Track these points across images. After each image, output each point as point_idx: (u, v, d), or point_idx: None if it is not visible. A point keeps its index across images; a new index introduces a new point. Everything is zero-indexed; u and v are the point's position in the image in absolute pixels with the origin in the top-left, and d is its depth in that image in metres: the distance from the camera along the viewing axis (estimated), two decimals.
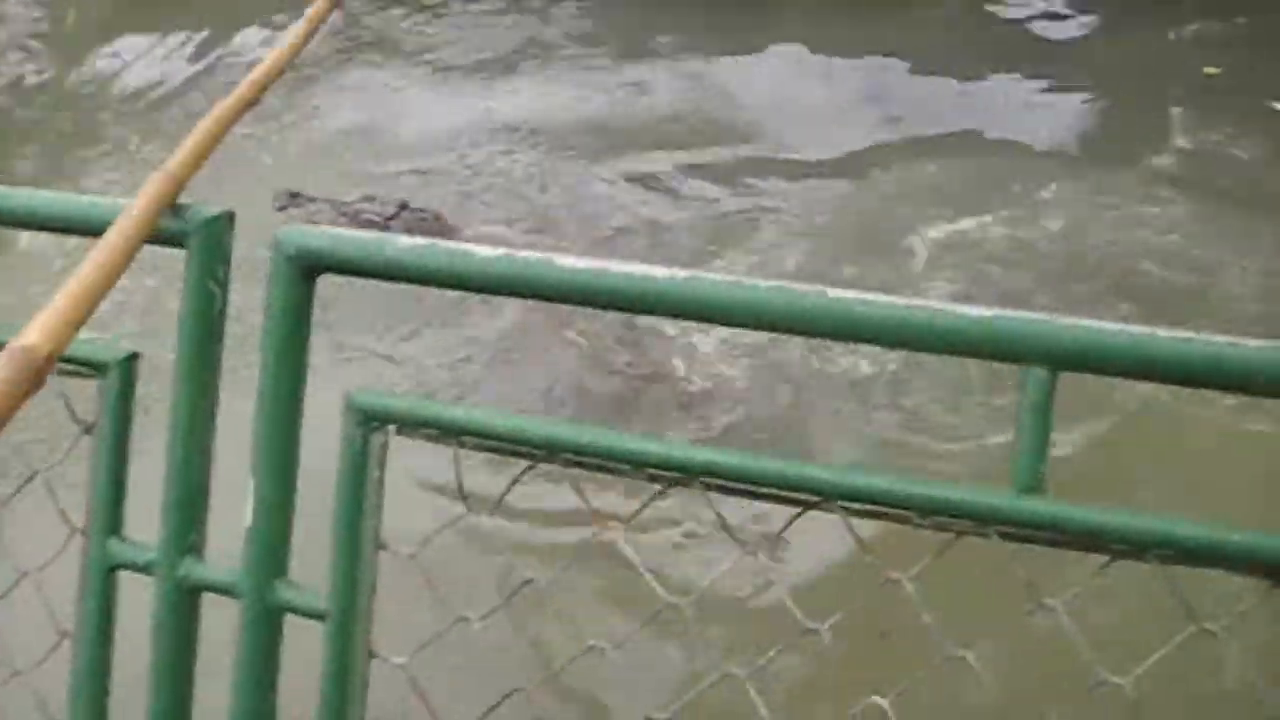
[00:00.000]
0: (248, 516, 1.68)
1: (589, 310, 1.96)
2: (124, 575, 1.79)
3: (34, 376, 1.36)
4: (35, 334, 1.39)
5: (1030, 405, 1.45)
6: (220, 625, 1.77)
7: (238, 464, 1.67)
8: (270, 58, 2.02)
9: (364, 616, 1.67)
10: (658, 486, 1.54)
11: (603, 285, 1.55)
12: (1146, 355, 1.42)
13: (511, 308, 4.57)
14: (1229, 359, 1.40)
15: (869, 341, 1.50)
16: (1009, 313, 1.46)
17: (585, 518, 1.56)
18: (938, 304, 1.47)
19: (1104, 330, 1.44)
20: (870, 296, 1.48)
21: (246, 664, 1.70)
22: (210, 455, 1.72)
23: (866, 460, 3.86)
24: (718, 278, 1.52)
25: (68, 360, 1.78)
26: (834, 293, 1.48)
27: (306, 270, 1.65)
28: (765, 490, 1.52)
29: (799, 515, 1.51)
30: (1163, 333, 1.42)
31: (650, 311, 1.55)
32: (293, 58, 2.10)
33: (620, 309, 1.56)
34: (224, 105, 1.86)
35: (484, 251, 1.60)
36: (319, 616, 1.68)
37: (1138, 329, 1.43)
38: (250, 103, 1.93)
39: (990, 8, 7.05)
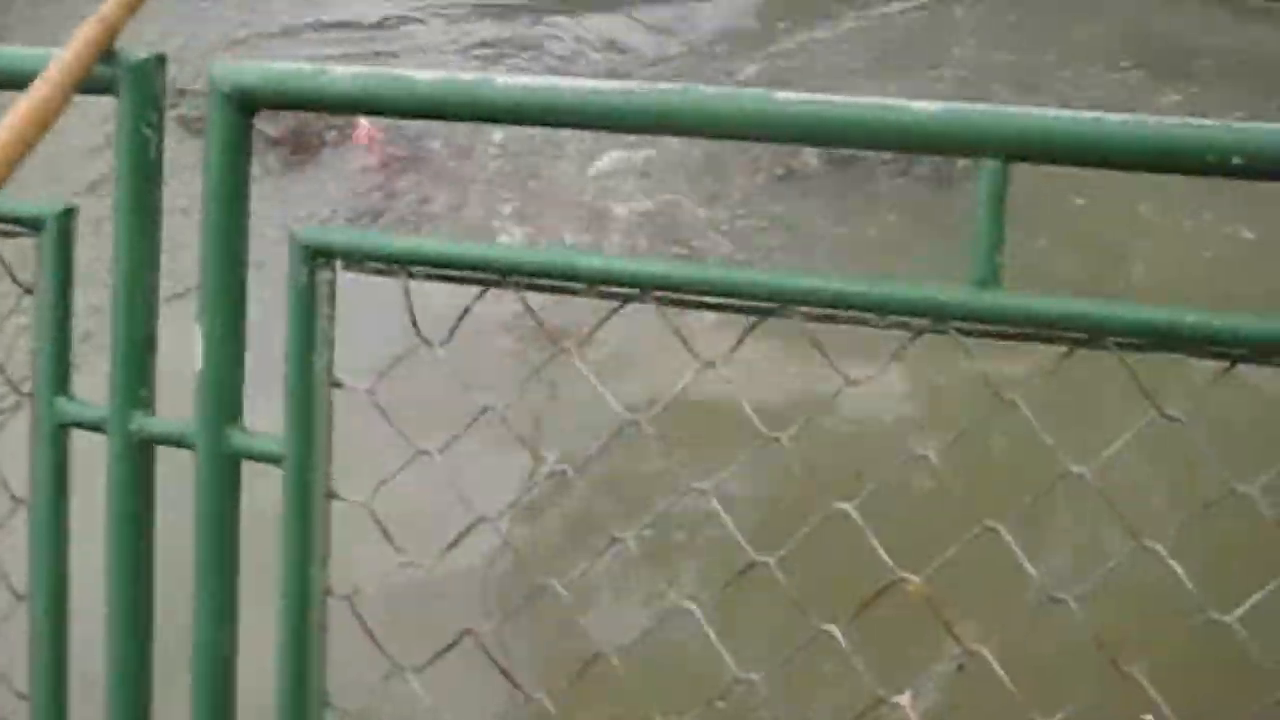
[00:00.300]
0: (197, 362, 1.65)
1: None
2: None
3: None
4: None
5: (985, 198, 1.44)
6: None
7: None
8: None
9: (321, 456, 1.64)
10: (613, 303, 1.52)
11: (547, 103, 1.52)
12: (1099, 141, 1.41)
13: None
14: (1181, 139, 1.39)
15: (819, 143, 1.48)
16: (959, 105, 1.44)
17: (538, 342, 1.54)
18: (887, 100, 1.44)
19: (1055, 117, 1.42)
20: (817, 97, 1.45)
21: (205, 514, 1.68)
22: (156, 305, 1.69)
23: None
24: (665, 87, 1.49)
25: (1, 219, 1.75)
26: (780, 95, 1.46)
27: (243, 105, 1.60)
28: (720, 300, 1.51)
29: (757, 324, 1.50)
30: (1113, 117, 1.41)
31: (597, 126, 1.52)
32: None
33: (565, 125, 1.53)
34: None
35: (425, 76, 1.56)
36: (275, 460, 1.65)
37: (1087, 115, 1.41)
38: None
39: None
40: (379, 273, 1.59)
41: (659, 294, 1.50)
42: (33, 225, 1.74)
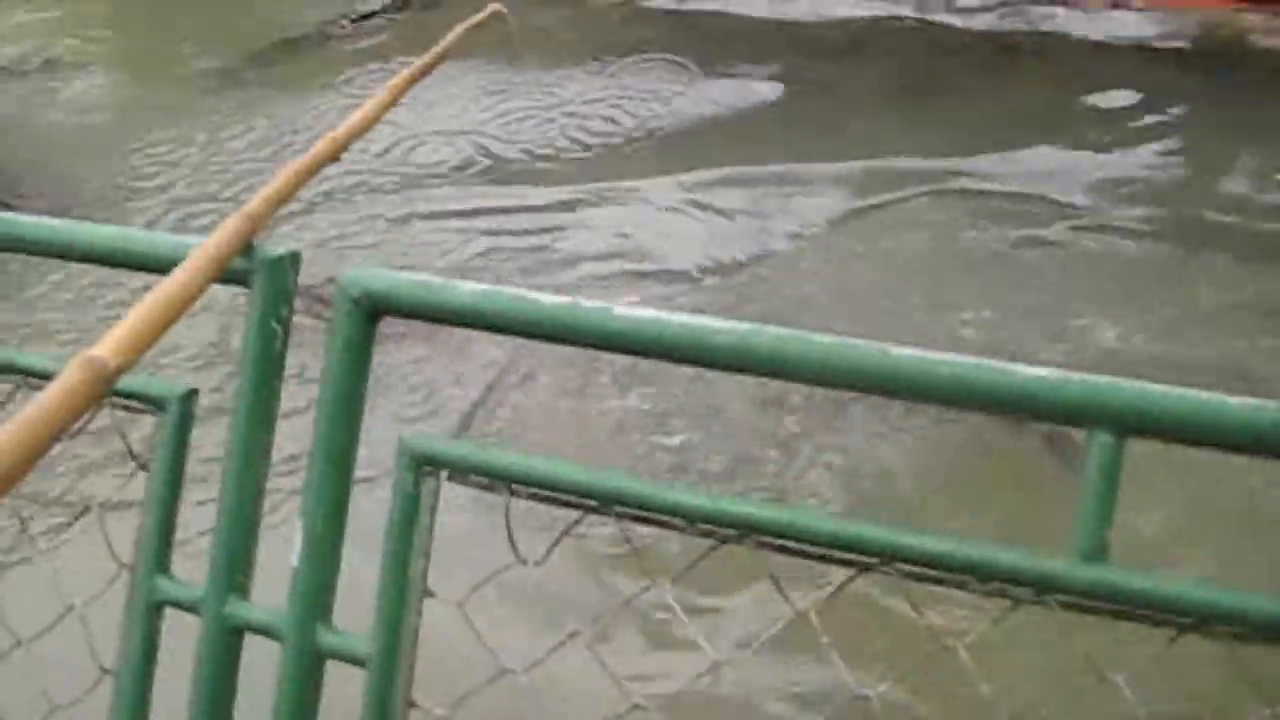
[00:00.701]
0: (294, 558, 1.67)
1: None
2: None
3: (99, 387, 1.37)
4: (104, 348, 1.40)
5: (1095, 469, 1.42)
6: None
7: None
8: (352, 119, 2.06)
9: (406, 664, 1.64)
10: (710, 541, 1.52)
11: (667, 336, 1.54)
12: (1218, 422, 1.38)
13: None
14: None
15: (928, 400, 1.47)
16: (1073, 375, 1.43)
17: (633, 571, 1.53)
18: (999, 364, 1.44)
19: (1172, 395, 1.40)
20: (930, 355, 1.45)
21: (285, 707, 1.68)
22: (263, 494, 1.72)
23: None
24: (781, 330, 1.50)
25: (126, 395, 1.80)
26: (895, 350, 1.46)
27: (370, 312, 1.65)
28: (819, 550, 1.49)
29: (854, 577, 1.48)
30: (1234, 400, 1.39)
31: (714, 365, 1.53)
32: (373, 123, 2.13)
33: (686, 362, 1.54)
34: (307, 158, 1.89)
35: (550, 300, 1.60)
36: (360, 663, 1.65)
37: (1208, 395, 1.39)
38: (331, 158, 1.96)
39: None
40: (483, 487, 1.60)
41: (758, 538, 1.49)
42: (155, 404, 1.79)
